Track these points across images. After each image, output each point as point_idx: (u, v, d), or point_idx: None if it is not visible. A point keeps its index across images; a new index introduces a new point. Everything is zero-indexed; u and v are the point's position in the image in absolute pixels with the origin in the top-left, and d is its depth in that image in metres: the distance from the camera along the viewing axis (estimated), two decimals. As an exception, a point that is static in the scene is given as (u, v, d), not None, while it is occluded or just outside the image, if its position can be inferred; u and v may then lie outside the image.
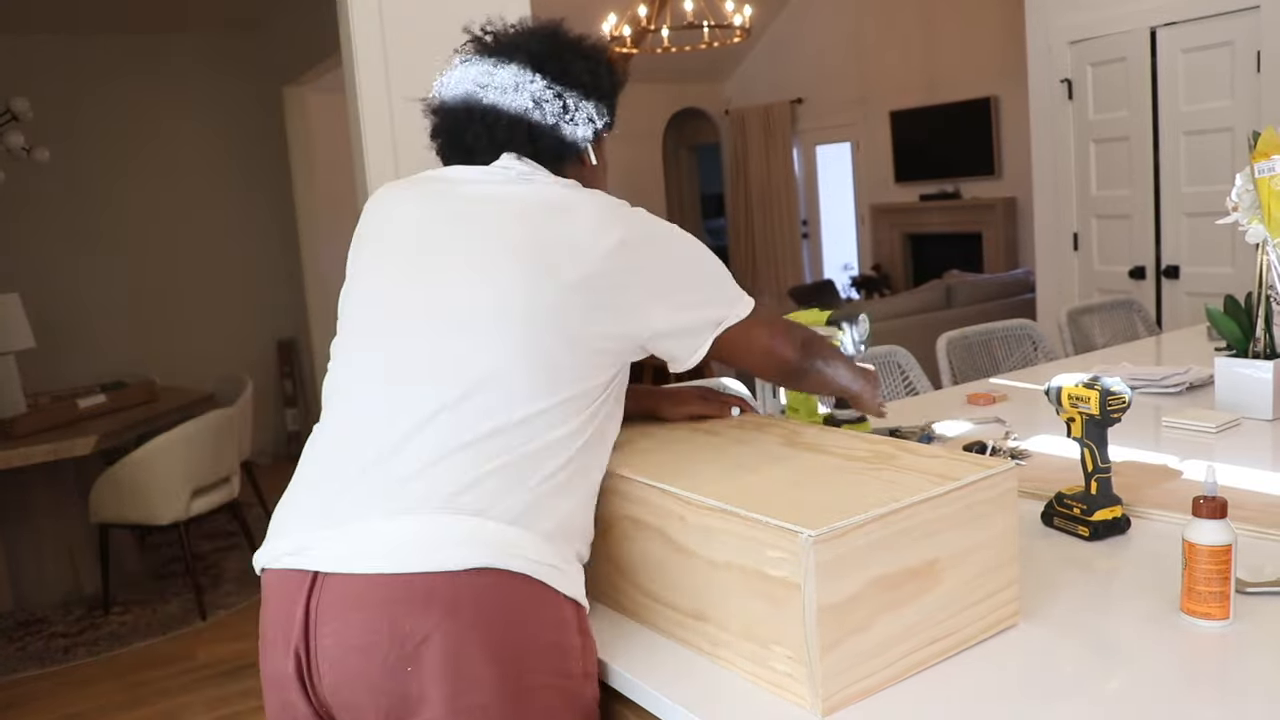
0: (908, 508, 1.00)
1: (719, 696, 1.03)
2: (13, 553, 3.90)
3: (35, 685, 3.29)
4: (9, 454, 3.47)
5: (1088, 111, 4.48)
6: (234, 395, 4.32)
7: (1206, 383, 2.21)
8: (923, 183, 8.13)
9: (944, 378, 2.72)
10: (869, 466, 1.12)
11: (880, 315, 5.90)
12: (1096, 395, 1.35)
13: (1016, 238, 7.45)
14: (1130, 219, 4.40)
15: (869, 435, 1.29)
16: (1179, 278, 4.26)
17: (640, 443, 1.33)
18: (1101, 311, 3.28)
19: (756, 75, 9.63)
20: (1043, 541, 1.39)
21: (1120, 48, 4.28)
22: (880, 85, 8.28)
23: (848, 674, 0.97)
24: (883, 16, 8.10)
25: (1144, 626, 1.12)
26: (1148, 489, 1.55)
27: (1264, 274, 1.90)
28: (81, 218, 5.67)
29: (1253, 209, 1.86)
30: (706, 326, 1.24)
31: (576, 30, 1.36)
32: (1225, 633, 1.09)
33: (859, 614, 0.97)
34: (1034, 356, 2.93)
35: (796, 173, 9.39)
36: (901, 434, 1.90)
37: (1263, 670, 1.02)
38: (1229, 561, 1.09)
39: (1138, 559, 1.32)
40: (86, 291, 5.68)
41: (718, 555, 1.05)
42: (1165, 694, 0.99)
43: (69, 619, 3.82)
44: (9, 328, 3.89)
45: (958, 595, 1.06)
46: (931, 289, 6.33)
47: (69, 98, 5.52)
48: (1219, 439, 1.85)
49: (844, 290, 8.49)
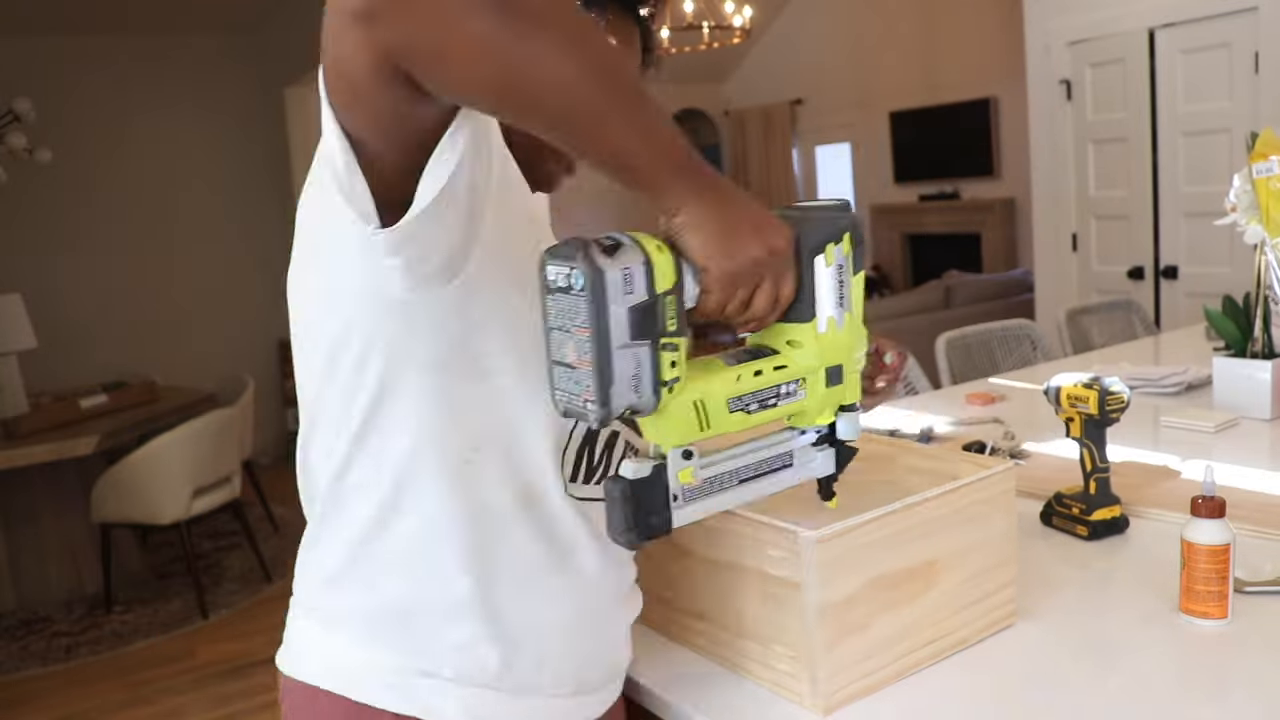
0: (908, 508, 1.01)
1: (719, 696, 1.04)
2: (15, 552, 3.90)
3: (37, 684, 3.30)
4: (11, 454, 3.48)
5: (1086, 112, 4.49)
6: (235, 395, 4.32)
7: (1205, 383, 2.21)
8: (922, 183, 8.13)
9: (943, 378, 2.73)
10: (869, 466, 1.13)
11: (880, 315, 5.91)
12: (1095, 395, 1.35)
13: (1015, 238, 7.45)
14: (1129, 219, 4.41)
15: (870, 435, 1.28)
16: (1177, 278, 4.27)
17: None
18: (1100, 312, 3.29)
19: (756, 76, 9.64)
20: (1041, 541, 1.40)
21: (1119, 49, 4.29)
22: (880, 85, 8.29)
23: (848, 673, 0.98)
24: (882, 17, 8.11)
25: (1142, 626, 1.12)
26: (1146, 489, 1.56)
27: (1262, 274, 1.91)
28: (83, 219, 5.67)
29: (1251, 209, 1.86)
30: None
31: None
32: (1224, 632, 1.09)
33: (859, 613, 0.98)
34: (1033, 357, 2.94)
35: (796, 173, 9.40)
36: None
37: (1261, 670, 1.03)
38: (1227, 561, 1.09)
39: (1136, 559, 1.32)
40: (88, 292, 5.68)
41: (718, 555, 1.06)
42: (1164, 693, 0.99)
43: (71, 618, 3.82)
44: (11, 328, 3.89)
45: (957, 595, 1.06)
46: (931, 289, 6.33)
47: (71, 99, 5.52)
48: (1217, 439, 1.86)
49: (844, 290, 8.49)
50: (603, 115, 0.66)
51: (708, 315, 0.75)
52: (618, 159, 0.70)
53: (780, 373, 0.80)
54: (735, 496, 0.82)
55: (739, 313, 0.76)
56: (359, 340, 0.79)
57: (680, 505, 0.77)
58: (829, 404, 0.84)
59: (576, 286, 0.68)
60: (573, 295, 0.68)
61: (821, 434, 0.87)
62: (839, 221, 0.80)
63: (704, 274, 0.73)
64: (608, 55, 0.69)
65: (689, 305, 0.74)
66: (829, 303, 0.80)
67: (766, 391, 0.80)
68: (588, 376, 0.69)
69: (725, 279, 0.73)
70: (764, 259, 0.74)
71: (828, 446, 0.87)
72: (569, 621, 0.88)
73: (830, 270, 0.79)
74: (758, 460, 0.83)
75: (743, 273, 0.73)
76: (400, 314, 0.77)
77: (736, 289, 0.74)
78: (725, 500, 0.82)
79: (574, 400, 0.71)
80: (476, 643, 0.83)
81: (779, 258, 0.75)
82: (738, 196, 0.74)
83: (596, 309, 0.68)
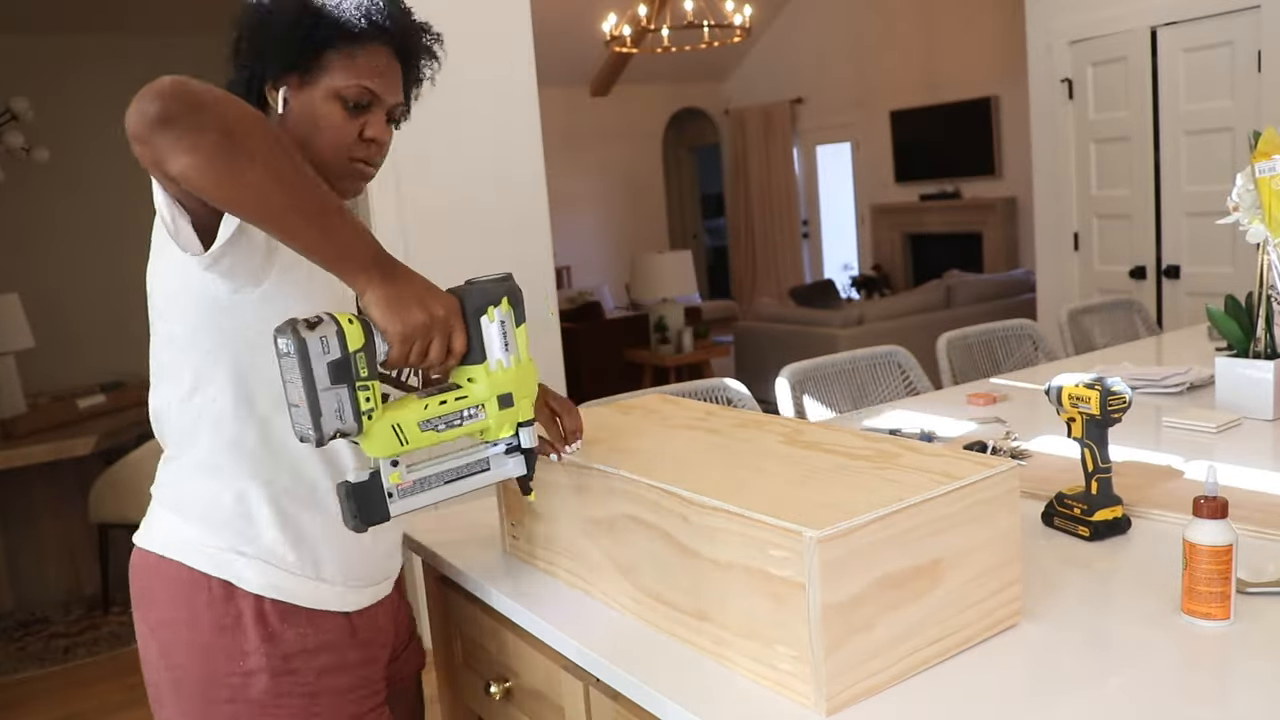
0: (912, 507, 1.00)
1: (722, 697, 1.03)
2: (13, 553, 3.90)
3: (35, 685, 3.29)
4: (9, 454, 3.47)
5: (1088, 111, 4.49)
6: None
7: (1207, 383, 2.21)
8: (923, 183, 8.13)
9: (944, 378, 2.72)
10: (871, 465, 1.13)
11: (880, 315, 5.91)
12: (1097, 395, 1.35)
13: (1016, 238, 7.46)
14: (1131, 219, 4.40)
15: (871, 434, 1.28)
16: (1179, 278, 4.27)
17: (641, 442, 1.33)
18: (1102, 311, 3.29)
19: (756, 75, 9.64)
20: (1043, 541, 1.39)
21: (1121, 47, 4.28)
22: (880, 85, 8.28)
23: (851, 673, 0.97)
24: (883, 17, 8.11)
25: (1145, 627, 1.12)
26: (1148, 489, 1.55)
27: (1265, 274, 1.90)
28: (81, 218, 5.67)
29: (1253, 209, 1.86)
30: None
31: None
32: (1226, 633, 1.09)
33: (862, 613, 0.97)
34: (1034, 356, 2.93)
35: (796, 173, 9.40)
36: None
37: (1263, 671, 1.02)
38: (1230, 562, 1.09)
39: (1138, 559, 1.32)
40: (86, 292, 5.67)
41: (721, 555, 1.05)
42: (1166, 694, 0.99)
43: (69, 619, 3.82)
44: (8, 328, 3.89)
45: (960, 594, 1.06)
46: (932, 289, 6.33)
47: (69, 98, 5.52)
48: (1220, 439, 1.85)
49: (844, 290, 8.50)
50: (294, 226, 0.96)
51: (395, 365, 1.04)
52: (309, 253, 0.99)
53: (461, 401, 1.09)
54: (444, 492, 1.11)
55: (420, 361, 1.04)
56: (202, 325, 1.14)
57: (395, 500, 1.06)
58: (506, 421, 1.12)
59: (291, 351, 0.97)
60: (289, 357, 0.97)
61: (511, 445, 1.14)
62: (497, 290, 1.08)
63: (386, 335, 1.01)
64: (302, 180, 0.97)
65: (381, 359, 1.02)
66: (496, 348, 1.09)
67: (451, 415, 1.08)
68: (304, 413, 0.98)
69: (400, 338, 1.01)
70: (428, 322, 1.02)
71: (518, 454, 1.15)
72: (340, 534, 1.19)
73: (495, 325, 1.08)
74: (459, 465, 1.12)
75: (412, 333, 1.01)
76: (226, 311, 1.13)
77: (412, 344, 1.02)
78: (435, 495, 1.10)
79: (301, 428, 1.00)
80: (274, 539, 1.18)
81: (440, 321, 1.03)
82: (410, 278, 1.03)
83: (304, 365, 0.97)
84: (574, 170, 9.26)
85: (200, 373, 1.15)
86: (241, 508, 1.18)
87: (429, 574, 1.58)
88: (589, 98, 9.48)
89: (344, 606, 1.25)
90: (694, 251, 10.41)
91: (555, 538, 1.36)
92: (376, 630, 1.31)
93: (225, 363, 1.15)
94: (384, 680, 1.34)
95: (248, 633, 1.17)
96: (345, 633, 1.25)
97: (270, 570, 1.18)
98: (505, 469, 1.15)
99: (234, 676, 1.18)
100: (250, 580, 1.17)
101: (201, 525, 1.18)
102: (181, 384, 1.17)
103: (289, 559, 1.19)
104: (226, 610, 1.17)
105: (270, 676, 1.18)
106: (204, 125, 0.91)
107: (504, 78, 3.26)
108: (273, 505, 1.19)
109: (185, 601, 1.18)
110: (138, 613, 1.24)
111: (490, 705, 1.45)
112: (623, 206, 10.01)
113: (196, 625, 1.17)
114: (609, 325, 6.86)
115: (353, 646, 1.26)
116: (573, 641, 1.20)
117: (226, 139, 0.91)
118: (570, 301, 7.82)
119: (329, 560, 1.23)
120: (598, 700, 1.18)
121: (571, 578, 1.34)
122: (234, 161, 0.92)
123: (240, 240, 1.06)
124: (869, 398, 2.52)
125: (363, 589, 1.28)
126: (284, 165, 0.95)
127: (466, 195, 3.19)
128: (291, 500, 1.20)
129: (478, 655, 1.51)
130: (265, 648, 1.18)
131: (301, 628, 1.20)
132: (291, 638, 1.19)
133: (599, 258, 9.83)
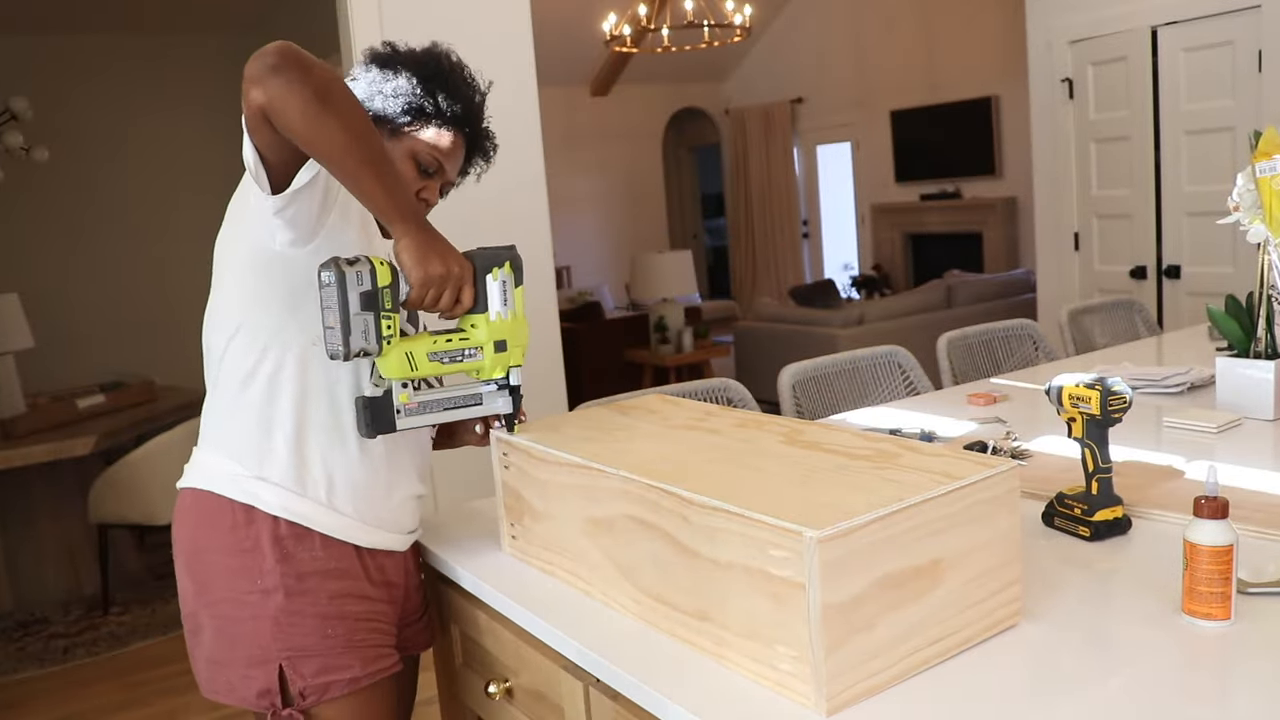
0: (912, 507, 1.00)
1: (722, 697, 1.03)
2: (12, 553, 3.89)
3: (35, 685, 3.29)
4: (8, 454, 3.47)
5: (1088, 111, 4.48)
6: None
7: (1208, 383, 2.21)
8: (923, 182, 8.13)
9: (944, 378, 2.72)
10: (872, 465, 1.12)
11: (880, 315, 5.91)
12: (1097, 395, 1.35)
13: (1017, 237, 7.45)
14: (1131, 219, 4.40)
15: (871, 434, 1.28)
16: (1180, 277, 4.26)
17: (641, 442, 1.33)
18: (1102, 311, 3.28)
19: (756, 75, 9.63)
20: (1043, 542, 1.39)
21: (1121, 47, 4.28)
22: (880, 85, 8.28)
23: (852, 674, 0.97)
24: (883, 16, 8.10)
25: (1145, 627, 1.11)
26: (1149, 489, 1.55)
27: (1265, 274, 1.90)
28: (80, 218, 5.67)
29: (1254, 208, 1.86)
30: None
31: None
32: (1226, 633, 1.09)
33: (863, 613, 0.97)
34: (1035, 356, 2.93)
35: (797, 173, 9.39)
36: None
37: (1264, 671, 1.02)
38: (1230, 562, 1.09)
39: (1139, 559, 1.32)
40: (85, 291, 5.67)
41: (721, 555, 1.05)
42: (1166, 694, 0.98)
43: (68, 619, 3.82)
44: (8, 328, 3.89)
45: (960, 594, 1.06)
46: (932, 289, 6.33)
47: (68, 98, 5.52)
48: (1220, 439, 1.85)
49: (844, 290, 8.49)
50: (357, 172, 1.18)
51: (413, 306, 1.26)
52: (366, 199, 1.21)
53: (464, 341, 1.33)
54: (442, 417, 1.35)
55: (433, 306, 1.27)
56: (258, 272, 1.31)
57: (403, 416, 1.31)
58: (499, 364, 1.35)
59: (332, 281, 1.21)
60: (330, 286, 1.21)
61: (501, 384, 1.37)
62: (502, 255, 1.32)
63: (409, 277, 1.23)
64: (371, 139, 1.19)
65: (403, 298, 1.25)
66: (497, 302, 1.32)
67: (455, 352, 1.33)
68: (337, 334, 1.22)
69: (420, 283, 1.24)
70: (445, 274, 1.25)
71: (508, 394, 1.38)
72: (360, 476, 1.36)
73: (497, 284, 1.32)
74: (457, 396, 1.36)
75: (430, 280, 1.24)
76: (279, 261, 1.30)
77: (429, 289, 1.25)
78: (435, 418, 1.34)
79: (333, 347, 1.23)
80: (294, 465, 1.33)
81: (455, 276, 1.26)
82: (438, 236, 1.26)
83: (341, 292, 1.20)
84: (574, 170, 9.26)
85: (247, 315, 1.31)
86: (269, 439, 1.32)
87: (429, 574, 1.58)
88: (589, 97, 9.48)
89: (354, 539, 1.36)
90: (694, 251, 10.41)
91: (555, 538, 1.36)
92: (386, 579, 1.41)
93: (273, 309, 1.30)
94: (395, 628, 1.44)
95: (265, 553, 1.30)
96: (356, 564, 1.36)
97: (286, 494, 1.31)
98: (495, 405, 1.38)
99: (254, 594, 1.30)
100: (269, 502, 1.30)
101: (232, 456, 1.33)
102: (229, 325, 1.32)
103: (305, 483, 1.32)
104: (248, 534, 1.31)
105: (285, 595, 1.30)
106: (306, 79, 1.13)
107: (504, 78, 3.26)
108: (298, 437, 1.32)
109: (213, 526, 1.32)
110: (176, 548, 1.38)
111: (490, 705, 1.44)
112: (623, 206, 10.00)
113: (223, 549, 1.31)
114: (609, 325, 6.86)
115: (364, 579, 1.37)
116: (573, 641, 1.19)
117: (322, 89, 1.13)
118: (570, 301, 7.82)
119: (342, 491, 1.35)
120: (597, 700, 1.17)
121: (571, 578, 1.34)
122: (323, 108, 1.13)
123: (304, 195, 1.24)
124: (869, 398, 2.52)
125: (373, 531, 1.38)
126: (358, 122, 1.17)
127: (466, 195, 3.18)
128: (317, 433, 1.33)
129: (477, 655, 1.50)
130: (281, 567, 1.30)
131: (314, 550, 1.32)
132: (305, 559, 1.32)
133: (599, 258, 9.83)
